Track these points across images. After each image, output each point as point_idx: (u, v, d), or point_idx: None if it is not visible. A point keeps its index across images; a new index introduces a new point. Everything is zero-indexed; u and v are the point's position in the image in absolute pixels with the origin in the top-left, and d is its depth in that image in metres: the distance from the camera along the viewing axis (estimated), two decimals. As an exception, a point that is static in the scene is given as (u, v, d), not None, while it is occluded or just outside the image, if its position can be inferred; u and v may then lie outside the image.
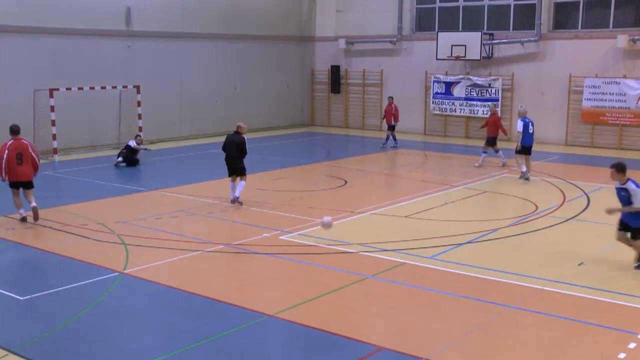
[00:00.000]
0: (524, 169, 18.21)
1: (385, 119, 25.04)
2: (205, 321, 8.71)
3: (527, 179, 18.01)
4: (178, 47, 26.59)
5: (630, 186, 10.42)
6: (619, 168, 10.55)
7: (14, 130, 13.54)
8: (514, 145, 18.96)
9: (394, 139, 24.76)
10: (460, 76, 27.61)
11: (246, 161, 15.16)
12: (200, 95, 27.65)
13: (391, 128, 24.74)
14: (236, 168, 15.04)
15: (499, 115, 22.49)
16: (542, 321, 8.70)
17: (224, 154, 15.17)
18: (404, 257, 11.33)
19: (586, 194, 16.31)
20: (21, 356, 7.64)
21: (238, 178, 15.10)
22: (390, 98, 25.17)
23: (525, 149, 18.17)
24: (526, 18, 26.37)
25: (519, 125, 18.21)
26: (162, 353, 7.78)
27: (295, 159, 21.83)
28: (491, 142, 20.25)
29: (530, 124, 18.26)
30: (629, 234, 10.70)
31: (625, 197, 10.53)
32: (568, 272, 10.63)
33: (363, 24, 30.21)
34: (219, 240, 12.31)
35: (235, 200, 15.03)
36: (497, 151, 20.33)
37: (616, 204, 10.73)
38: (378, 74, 30.05)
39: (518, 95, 26.56)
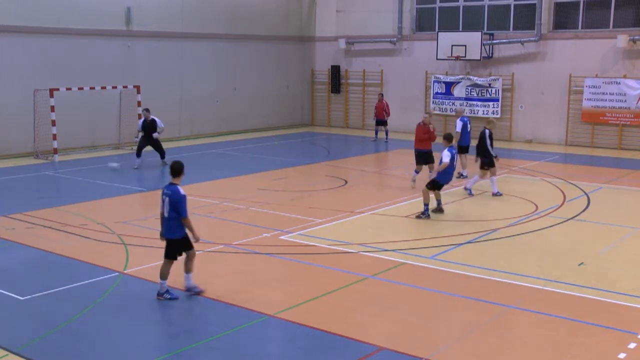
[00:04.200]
0: (465, 172, 18.28)
1: (376, 115, 25.93)
2: (205, 321, 8.70)
3: (463, 176, 18.12)
4: (178, 47, 26.58)
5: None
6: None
7: None
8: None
9: (386, 134, 25.92)
10: (461, 76, 27.59)
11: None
12: (200, 95, 27.64)
13: (383, 123, 25.75)
14: None
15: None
16: (542, 321, 8.70)
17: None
18: (404, 257, 11.33)
19: (586, 194, 16.30)
20: (21, 356, 7.64)
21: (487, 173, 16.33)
22: (381, 95, 26.48)
23: (463, 149, 18.22)
24: (526, 18, 26.34)
25: (458, 125, 18.25)
26: (162, 353, 7.78)
27: (295, 159, 21.82)
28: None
29: (468, 122, 18.41)
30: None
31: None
32: (568, 272, 10.63)
33: (363, 24, 30.19)
34: (219, 240, 12.31)
35: (495, 194, 16.13)
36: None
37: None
38: (378, 74, 30.03)
39: (518, 95, 26.56)
